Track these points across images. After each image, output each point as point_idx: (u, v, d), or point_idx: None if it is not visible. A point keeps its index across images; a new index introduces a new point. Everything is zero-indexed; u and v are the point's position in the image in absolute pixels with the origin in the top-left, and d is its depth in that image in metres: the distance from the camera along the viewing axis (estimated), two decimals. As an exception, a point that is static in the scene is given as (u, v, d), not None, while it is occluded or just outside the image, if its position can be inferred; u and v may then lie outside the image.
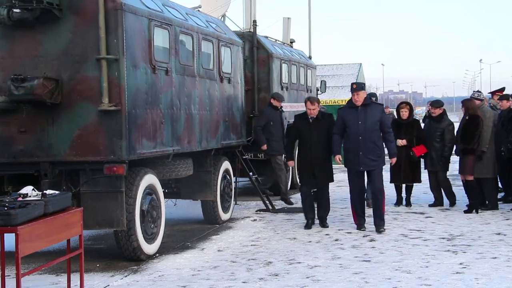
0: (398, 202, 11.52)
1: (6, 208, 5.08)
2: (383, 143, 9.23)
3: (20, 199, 5.44)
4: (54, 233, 5.46)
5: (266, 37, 13.87)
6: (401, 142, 10.85)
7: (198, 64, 9.17)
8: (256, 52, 12.86)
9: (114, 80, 7.09)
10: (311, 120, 9.43)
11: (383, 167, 9.34)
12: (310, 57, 16.99)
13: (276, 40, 14.60)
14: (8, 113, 7.28)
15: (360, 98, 9.09)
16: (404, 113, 11.16)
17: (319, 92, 17.29)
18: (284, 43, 15.44)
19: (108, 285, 6.59)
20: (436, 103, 11.32)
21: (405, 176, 11.19)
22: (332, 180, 9.64)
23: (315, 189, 9.66)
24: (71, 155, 7.19)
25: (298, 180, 9.93)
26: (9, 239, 5.14)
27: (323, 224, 9.57)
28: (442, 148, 10.94)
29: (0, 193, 7.38)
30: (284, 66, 13.70)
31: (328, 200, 9.70)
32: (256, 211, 11.45)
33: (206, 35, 9.49)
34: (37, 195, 5.53)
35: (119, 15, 7.09)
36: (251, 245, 8.49)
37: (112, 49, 7.07)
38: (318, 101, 9.63)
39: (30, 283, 6.48)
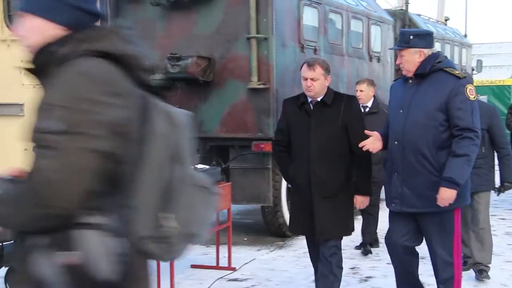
0: None
1: (160, 180, 5.37)
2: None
3: (174, 172, 5.72)
4: (204, 205, 5.68)
5: (419, 15, 13.41)
6: None
7: (347, 43, 9.07)
8: (407, 30, 12.48)
9: (263, 58, 7.21)
10: (311, 107, 4.60)
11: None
12: (465, 35, 16.21)
13: (429, 18, 14.08)
14: (164, 91, 7.67)
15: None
16: None
17: (474, 72, 16.47)
18: (438, 21, 14.86)
19: (255, 259, 6.77)
20: None
21: None
22: (349, 232, 4.64)
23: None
24: (221, 132, 7.43)
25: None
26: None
27: None
28: None
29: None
30: (437, 45, 13.16)
31: (338, 265, 4.55)
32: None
33: (355, 13, 9.35)
34: (189, 168, 5.79)
35: (269, -6, 7.17)
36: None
37: (262, 28, 7.19)
38: (326, 67, 4.55)
39: (181, 252, 6.81)
